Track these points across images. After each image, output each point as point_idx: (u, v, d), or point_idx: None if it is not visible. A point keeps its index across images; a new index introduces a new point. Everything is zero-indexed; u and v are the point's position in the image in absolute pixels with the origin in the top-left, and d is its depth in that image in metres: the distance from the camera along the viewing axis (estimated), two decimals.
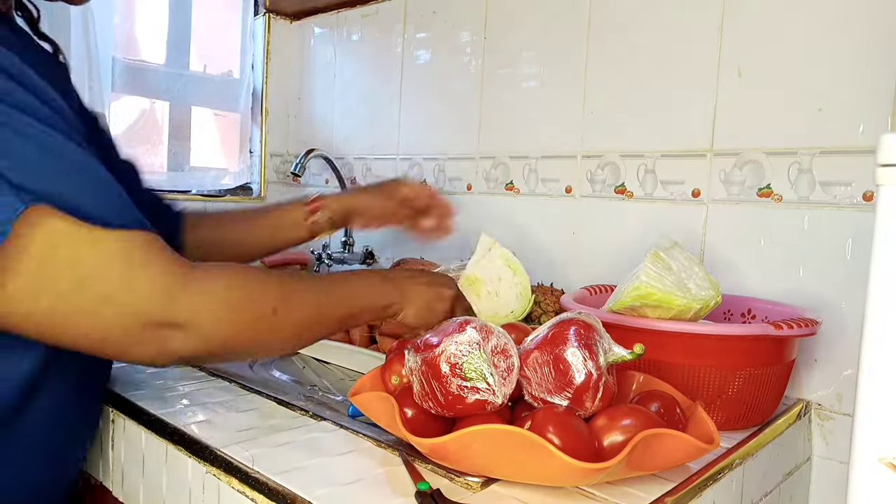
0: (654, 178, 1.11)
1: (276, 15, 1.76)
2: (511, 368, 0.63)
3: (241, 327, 0.59)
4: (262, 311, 0.61)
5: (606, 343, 0.63)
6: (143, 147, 1.59)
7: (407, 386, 0.67)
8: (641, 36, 1.11)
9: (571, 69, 1.20)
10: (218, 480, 0.63)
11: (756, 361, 0.77)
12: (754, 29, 0.99)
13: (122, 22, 1.49)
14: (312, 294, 0.67)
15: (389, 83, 1.54)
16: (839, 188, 0.92)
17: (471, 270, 1.04)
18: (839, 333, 0.92)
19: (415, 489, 0.57)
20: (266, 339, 0.63)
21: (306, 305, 0.66)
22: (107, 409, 0.80)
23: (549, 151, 1.25)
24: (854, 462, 0.45)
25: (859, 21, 0.90)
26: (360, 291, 0.73)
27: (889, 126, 0.88)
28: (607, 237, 1.17)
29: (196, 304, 0.55)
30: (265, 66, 1.75)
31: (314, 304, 0.67)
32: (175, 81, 1.62)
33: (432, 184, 1.45)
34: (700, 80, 1.04)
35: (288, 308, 0.63)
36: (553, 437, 0.56)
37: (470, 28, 1.37)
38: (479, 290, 1.02)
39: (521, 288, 1.04)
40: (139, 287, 0.52)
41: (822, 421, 0.95)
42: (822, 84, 0.93)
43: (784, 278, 0.97)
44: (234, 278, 0.60)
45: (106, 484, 0.81)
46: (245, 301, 0.59)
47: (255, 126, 1.77)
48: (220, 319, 0.57)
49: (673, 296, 0.77)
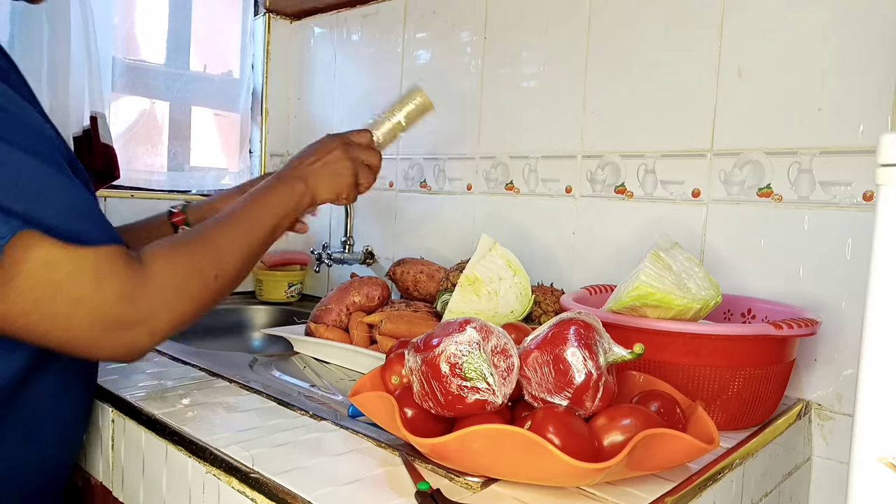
0: (654, 178, 1.11)
1: (276, 15, 1.76)
2: (511, 368, 0.63)
3: (191, 304, 0.65)
4: (206, 280, 0.67)
5: (606, 343, 0.63)
6: (143, 147, 1.59)
7: (407, 386, 0.67)
8: (641, 36, 1.11)
9: (571, 69, 1.20)
10: (218, 480, 0.63)
11: (756, 361, 0.77)
12: (754, 29, 0.99)
13: (122, 22, 1.49)
14: (239, 235, 0.73)
15: (389, 83, 1.54)
16: (839, 188, 0.92)
17: (471, 270, 1.04)
18: (839, 333, 0.92)
19: (415, 489, 0.57)
20: (214, 298, 0.69)
21: (238, 251, 0.72)
22: (107, 409, 0.80)
23: (549, 151, 1.25)
24: (854, 462, 0.45)
25: (859, 21, 0.90)
26: (272, 203, 0.78)
27: (889, 126, 0.88)
28: (607, 237, 1.17)
29: (153, 302, 0.62)
30: (265, 66, 1.75)
31: (244, 244, 0.73)
32: (175, 81, 1.62)
33: (432, 183, 1.45)
34: (700, 80, 1.04)
35: (225, 264, 0.69)
36: (553, 437, 0.56)
37: (470, 28, 1.37)
38: (479, 290, 1.02)
39: (521, 288, 1.04)
40: (106, 295, 0.58)
41: (822, 421, 0.95)
42: (822, 84, 0.93)
43: (784, 278, 0.97)
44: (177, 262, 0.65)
45: (106, 484, 0.81)
46: (190, 280, 0.65)
47: (255, 126, 1.77)
48: (174, 307, 0.63)
49: (673, 296, 0.77)
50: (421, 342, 0.64)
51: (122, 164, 1.40)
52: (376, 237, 1.57)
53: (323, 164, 0.84)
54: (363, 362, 1.05)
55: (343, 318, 1.18)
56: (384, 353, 0.92)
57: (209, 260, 0.68)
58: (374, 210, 1.58)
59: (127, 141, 1.54)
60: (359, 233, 1.61)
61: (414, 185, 1.49)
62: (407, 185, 1.51)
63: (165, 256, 0.65)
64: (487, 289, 1.02)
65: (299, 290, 1.65)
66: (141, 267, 0.62)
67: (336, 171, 0.85)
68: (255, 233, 0.75)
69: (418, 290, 1.27)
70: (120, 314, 0.59)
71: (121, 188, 1.48)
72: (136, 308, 0.60)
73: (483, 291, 1.02)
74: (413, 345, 0.65)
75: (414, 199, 1.49)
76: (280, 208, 0.78)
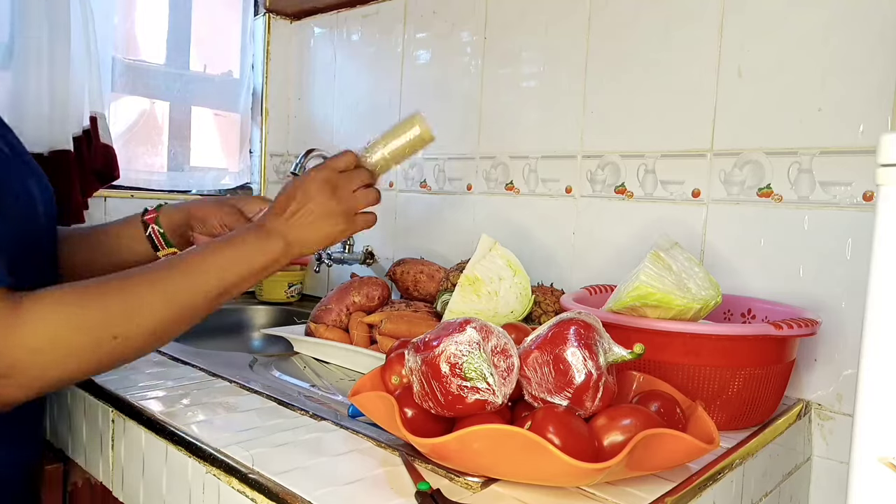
0: (654, 178, 1.11)
1: (276, 15, 1.76)
2: (511, 368, 0.63)
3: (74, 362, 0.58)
4: (98, 339, 0.59)
5: (606, 343, 0.63)
6: (143, 147, 1.59)
7: (407, 386, 0.67)
8: (641, 36, 1.11)
9: (571, 69, 1.20)
10: (218, 480, 0.63)
11: (756, 361, 0.77)
12: (754, 29, 0.99)
13: (122, 22, 1.49)
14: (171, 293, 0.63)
15: (389, 83, 1.54)
16: (839, 188, 0.92)
17: (471, 270, 1.04)
18: (839, 333, 0.92)
19: (415, 489, 0.57)
20: (114, 358, 0.61)
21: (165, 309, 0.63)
22: (107, 409, 0.80)
23: (549, 151, 1.25)
24: (854, 462, 0.45)
25: (859, 21, 0.90)
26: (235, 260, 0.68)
27: (889, 126, 0.88)
28: (607, 237, 1.17)
29: (17, 354, 0.54)
30: (265, 66, 1.75)
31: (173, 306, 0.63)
32: (175, 81, 1.62)
33: (432, 184, 1.45)
34: (700, 80, 1.04)
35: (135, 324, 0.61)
36: (553, 437, 0.56)
37: (470, 28, 1.37)
38: (479, 290, 1.02)
39: (522, 288, 1.04)
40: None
41: (822, 421, 0.95)
42: (822, 84, 0.93)
43: (784, 278, 0.97)
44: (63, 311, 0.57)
45: (106, 484, 0.81)
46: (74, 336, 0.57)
47: (255, 126, 1.77)
48: (47, 363, 0.56)
49: (673, 296, 0.77)
50: (421, 342, 0.64)
51: (122, 164, 1.40)
52: (376, 237, 1.57)
53: (303, 213, 0.73)
54: (363, 362, 1.05)
55: (343, 318, 1.18)
56: (384, 353, 0.92)
57: (112, 317, 0.60)
58: (374, 210, 1.58)
59: (127, 141, 1.54)
60: (359, 233, 1.60)
61: (414, 185, 1.49)
62: (407, 185, 1.50)
63: (52, 303, 0.57)
64: (487, 289, 1.02)
65: (299, 290, 1.65)
66: (14, 311, 0.55)
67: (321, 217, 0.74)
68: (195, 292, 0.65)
69: (418, 290, 1.27)
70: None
71: (121, 188, 1.48)
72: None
73: (483, 291, 1.02)
74: (413, 345, 0.65)
75: (414, 199, 1.49)
76: (239, 268, 0.68)
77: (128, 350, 0.62)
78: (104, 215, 1.45)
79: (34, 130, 1.23)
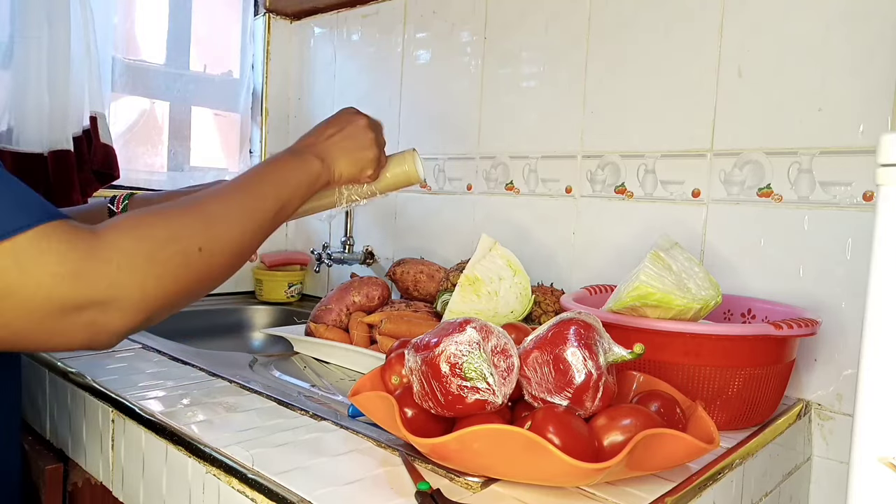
0: (654, 178, 1.11)
1: (276, 15, 1.76)
2: (511, 368, 0.63)
3: (169, 279, 0.55)
4: (187, 252, 0.57)
5: (606, 343, 0.63)
6: (143, 147, 1.59)
7: (407, 386, 0.67)
8: (641, 36, 1.11)
9: (571, 69, 1.20)
10: (218, 480, 0.63)
11: (756, 361, 0.77)
12: (754, 29, 0.99)
13: (122, 22, 1.49)
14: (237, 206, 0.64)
15: (389, 83, 1.54)
16: (839, 188, 0.92)
17: (471, 270, 1.03)
18: (839, 333, 0.92)
19: (415, 489, 0.57)
20: (200, 278, 0.59)
21: (234, 224, 0.63)
22: (107, 409, 0.80)
23: (549, 151, 1.25)
24: (854, 462, 0.45)
25: (859, 21, 0.90)
26: (282, 178, 0.69)
27: (889, 126, 0.88)
28: (607, 237, 1.17)
29: (111, 274, 0.52)
30: (265, 66, 1.75)
31: (242, 218, 0.63)
32: (175, 81, 1.62)
33: (432, 183, 1.45)
34: (700, 80, 1.04)
35: (214, 237, 0.60)
36: (553, 437, 0.56)
37: (470, 28, 1.37)
38: (479, 290, 1.02)
39: (522, 288, 1.03)
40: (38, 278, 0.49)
41: (822, 421, 0.95)
42: (822, 84, 0.93)
43: (784, 278, 0.97)
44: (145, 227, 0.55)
45: (106, 484, 0.81)
46: (163, 249, 0.55)
47: (255, 126, 1.77)
48: (146, 280, 0.53)
49: (673, 296, 0.77)
50: (421, 342, 0.64)
51: (122, 164, 1.40)
52: (376, 237, 1.57)
53: (343, 136, 0.75)
54: (363, 362, 1.05)
55: (343, 318, 1.18)
56: (384, 353, 0.92)
57: (192, 228, 0.59)
58: (374, 210, 1.58)
59: (127, 141, 1.54)
60: (359, 233, 1.61)
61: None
62: None
63: (129, 222, 0.55)
64: (487, 289, 1.02)
65: (299, 290, 1.65)
66: (89, 237, 0.52)
67: (360, 144, 0.75)
68: (258, 207, 0.65)
69: (418, 290, 1.27)
70: (63, 295, 0.50)
71: (121, 188, 1.48)
72: (84, 284, 0.50)
73: (483, 291, 1.02)
74: (413, 345, 0.65)
75: (414, 199, 1.49)
76: (289, 186, 0.69)
77: (213, 265, 0.60)
78: None
79: (34, 130, 1.23)
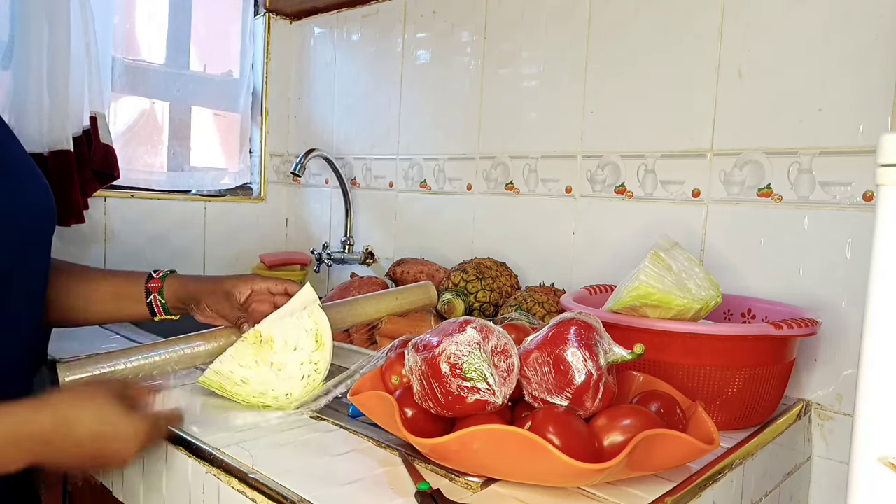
0: (654, 178, 1.11)
1: (276, 15, 1.76)
2: (511, 368, 0.63)
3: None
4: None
5: (606, 343, 0.63)
6: (143, 147, 1.59)
7: (407, 386, 0.67)
8: (641, 36, 1.11)
9: (571, 69, 1.20)
10: (218, 481, 0.63)
11: (756, 361, 0.77)
12: (754, 29, 0.99)
13: (122, 22, 1.49)
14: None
15: (389, 83, 1.54)
16: (839, 188, 0.92)
17: (266, 327, 0.81)
18: (839, 333, 0.92)
19: (415, 489, 0.57)
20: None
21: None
22: None
23: (549, 151, 1.25)
24: (854, 462, 0.45)
25: (859, 21, 0.90)
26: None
27: (889, 126, 0.87)
28: (607, 237, 1.17)
29: None
30: (265, 66, 1.75)
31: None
32: (175, 81, 1.62)
33: (432, 183, 1.45)
34: (700, 80, 1.04)
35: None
36: (553, 437, 0.56)
37: (470, 28, 1.37)
38: (260, 355, 0.80)
39: (315, 369, 0.81)
40: None
41: (822, 421, 0.95)
42: (822, 84, 0.93)
43: (784, 278, 0.97)
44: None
45: (106, 484, 0.81)
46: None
47: (255, 126, 1.77)
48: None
49: (673, 296, 0.77)
50: (421, 342, 0.64)
51: (122, 164, 1.40)
52: (376, 237, 1.57)
53: (93, 452, 0.61)
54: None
55: None
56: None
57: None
58: (374, 210, 1.58)
59: (127, 141, 1.54)
60: (359, 233, 1.61)
61: (414, 185, 1.49)
62: (407, 185, 1.50)
63: None
64: (272, 358, 0.80)
65: None
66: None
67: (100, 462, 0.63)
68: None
69: None
70: None
71: (121, 188, 1.48)
72: None
73: (264, 358, 0.80)
74: (413, 345, 0.65)
75: (414, 199, 1.49)
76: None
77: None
78: (104, 215, 1.45)
79: (34, 130, 1.23)
